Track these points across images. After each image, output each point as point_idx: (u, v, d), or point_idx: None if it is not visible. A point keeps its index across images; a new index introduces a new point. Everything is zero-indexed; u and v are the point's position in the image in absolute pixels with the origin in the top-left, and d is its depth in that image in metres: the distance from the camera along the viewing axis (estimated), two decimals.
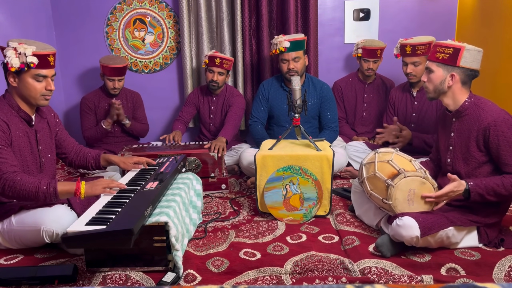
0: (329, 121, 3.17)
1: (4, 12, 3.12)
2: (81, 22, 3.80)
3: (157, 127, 3.99)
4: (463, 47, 1.95)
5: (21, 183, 1.86)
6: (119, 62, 3.31)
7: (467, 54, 1.95)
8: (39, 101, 2.04)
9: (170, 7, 3.79)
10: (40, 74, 1.99)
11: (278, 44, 3.04)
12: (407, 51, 2.94)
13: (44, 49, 1.99)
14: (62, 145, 2.32)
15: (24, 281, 1.77)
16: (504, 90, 3.06)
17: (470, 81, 2.02)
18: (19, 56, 1.92)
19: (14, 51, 1.92)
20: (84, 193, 1.91)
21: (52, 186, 1.89)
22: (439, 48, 2.03)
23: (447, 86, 2.01)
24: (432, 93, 2.08)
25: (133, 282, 1.77)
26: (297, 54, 3.05)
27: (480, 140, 1.95)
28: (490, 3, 3.23)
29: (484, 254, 1.92)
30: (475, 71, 2.00)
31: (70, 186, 1.92)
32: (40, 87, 2.01)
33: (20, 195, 1.88)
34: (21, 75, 1.98)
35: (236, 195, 2.85)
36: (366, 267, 1.82)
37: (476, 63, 1.98)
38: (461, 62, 1.96)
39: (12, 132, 1.97)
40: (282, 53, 3.04)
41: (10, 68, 1.92)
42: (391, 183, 1.96)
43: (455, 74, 1.99)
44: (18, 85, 2.00)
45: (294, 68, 3.03)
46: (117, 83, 3.35)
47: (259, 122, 3.23)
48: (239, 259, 1.94)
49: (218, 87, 3.40)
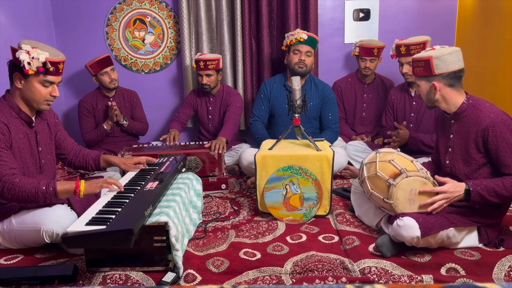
0: (330, 122, 3.17)
1: (4, 12, 3.12)
2: (81, 22, 3.80)
3: (157, 127, 3.99)
4: (431, 57, 1.97)
5: (20, 185, 1.85)
6: (100, 55, 3.37)
7: (438, 61, 1.96)
8: (41, 106, 2.05)
9: (170, 7, 3.79)
10: (48, 80, 2.00)
11: (295, 34, 3.05)
12: (401, 51, 2.97)
13: (57, 56, 2.00)
14: (62, 146, 2.31)
15: (24, 281, 1.77)
16: (504, 90, 3.06)
17: (458, 81, 2.01)
18: (32, 61, 1.91)
19: (28, 54, 1.91)
20: (84, 191, 1.90)
21: (52, 185, 1.88)
22: (414, 63, 2.08)
23: (434, 94, 2.03)
24: (427, 103, 2.11)
25: (133, 282, 1.77)
26: (310, 49, 3.07)
27: (479, 142, 1.95)
28: (490, 3, 3.23)
29: (484, 254, 1.92)
30: (456, 72, 1.98)
31: (69, 185, 1.92)
32: (46, 92, 2.01)
33: (19, 197, 1.87)
34: (29, 78, 1.97)
35: (236, 195, 2.85)
36: (366, 267, 1.82)
37: (452, 64, 1.97)
38: (436, 70, 1.97)
39: (12, 134, 1.97)
40: (297, 44, 3.04)
41: (27, 71, 1.91)
42: (392, 183, 1.96)
43: (436, 83, 2.00)
44: (24, 87, 1.99)
45: (305, 61, 3.04)
46: (111, 74, 3.36)
47: (259, 121, 3.23)
48: (239, 259, 1.94)
49: (211, 88, 3.39)
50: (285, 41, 3.15)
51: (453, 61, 1.97)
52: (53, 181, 1.91)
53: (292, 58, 3.08)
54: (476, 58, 3.40)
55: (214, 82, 3.37)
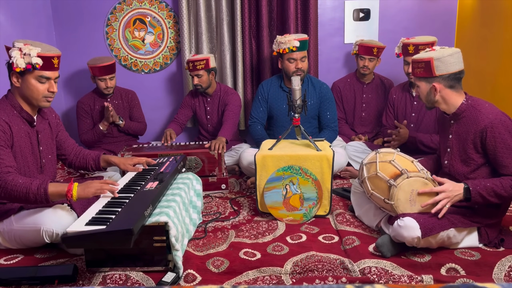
0: (329, 121, 3.17)
1: (4, 12, 3.12)
2: (81, 22, 3.80)
3: (157, 127, 3.99)
4: (431, 58, 1.96)
5: (13, 183, 1.82)
6: (106, 60, 3.32)
7: (438, 63, 1.96)
8: (41, 103, 2.04)
9: (170, 7, 3.79)
10: (44, 75, 1.99)
11: (287, 43, 2.99)
12: (409, 50, 2.94)
13: (49, 51, 2.00)
14: (63, 146, 2.31)
15: (24, 281, 1.77)
16: (504, 90, 3.06)
17: (458, 82, 2.01)
18: (24, 57, 1.91)
19: (19, 51, 1.91)
20: (76, 196, 1.85)
21: (43, 187, 1.83)
22: (414, 64, 2.07)
23: (434, 96, 2.03)
24: (427, 104, 2.11)
25: (133, 282, 1.77)
26: (304, 54, 3.05)
27: (477, 142, 1.96)
28: (490, 3, 3.23)
29: (484, 254, 1.92)
30: (456, 73, 1.98)
31: (61, 188, 1.86)
32: (43, 88, 2.01)
33: (11, 195, 1.84)
34: (25, 75, 1.97)
35: (236, 195, 2.85)
36: (366, 267, 1.82)
37: (452, 66, 1.97)
38: (437, 72, 1.97)
39: (14, 133, 1.97)
40: (290, 52, 3.01)
41: (15, 68, 1.92)
42: (393, 183, 1.96)
43: (436, 84, 2.00)
44: (21, 85, 2.00)
45: (302, 67, 3.04)
46: (109, 82, 3.35)
47: (258, 122, 3.23)
48: (239, 259, 1.94)
49: (204, 88, 3.38)
50: (275, 47, 3.09)
51: (454, 63, 1.97)
52: (45, 182, 1.86)
53: (288, 66, 3.06)
54: (476, 58, 3.40)
55: (205, 82, 3.35)
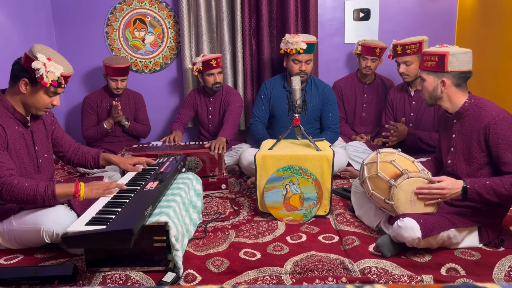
0: (331, 122, 3.16)
1: (4, 12, 3.12)
2: (81, 22, 3.80)
3: (157, 127, 3.99)
4: (447, 52, 1.96)
5: (19, 186, 1.84)
6: (122, 62, 3.34)
7: (453, 58, 1.96)
8: (39, 112, 2.06)
9: (170, 7, 3.79)
10: (57, 92, 2.02)
11: (294, 44, 2.97)
12: (398, 51, 2.97)
13: (68, 70, 2.02)
14: (59, 143, 2.31)
15: (24, 281, 1.77)
16: (504, 90, 3.06)
17: (465, 82, 2.02)
18: (47, 74, 1.92)
19: (44, 67, 1.91)
20: (84, 196, 1.89)
21: (50, 188, 1.86)
22: (426, 56, 2.06)
23: (440, 91, 2.03)
24: (429, 100, 2.11)
25: (133, 282, 1.77)
26: (310, 57, 3.04)
27: (481, 140, 1.95)
28: (490, 3, 3.23)
29: (484, 254, 1.92)
30: (466, 72, 2.00)
31: (69, 188, 1.90)
32: (49, 101, 2.03)
33: (18, 198, 1.86)
34: (37, 86, 1.97)
35: (236, 195, 2.85)
36: (366, 267, 1.82)
37: (465, 64, 1.98)
38: (449, 67, 1.98)
39: (8, 135, 1.96)
40: (297, 54, 2.99)
41: (45, 83, 1.92)
42: (394, 183, 1.95)
43: (445, 80, 2.00)
44: (28, 93, 1.98)
45: (306, 70, 3.03)
46: (120, 83, 3.38)
47: (260, 121, 3.23)
48: (239, 259, 1.94)
49: (221, 86, 3.42)
50: (283, 46, 3.08)
51: (466, 61, 1.99)
52: (52, 184, 1.89)
53: (292, 66, 3.05)
54: (476, 58, 3.37)
55: (222, 79, 3.42)
